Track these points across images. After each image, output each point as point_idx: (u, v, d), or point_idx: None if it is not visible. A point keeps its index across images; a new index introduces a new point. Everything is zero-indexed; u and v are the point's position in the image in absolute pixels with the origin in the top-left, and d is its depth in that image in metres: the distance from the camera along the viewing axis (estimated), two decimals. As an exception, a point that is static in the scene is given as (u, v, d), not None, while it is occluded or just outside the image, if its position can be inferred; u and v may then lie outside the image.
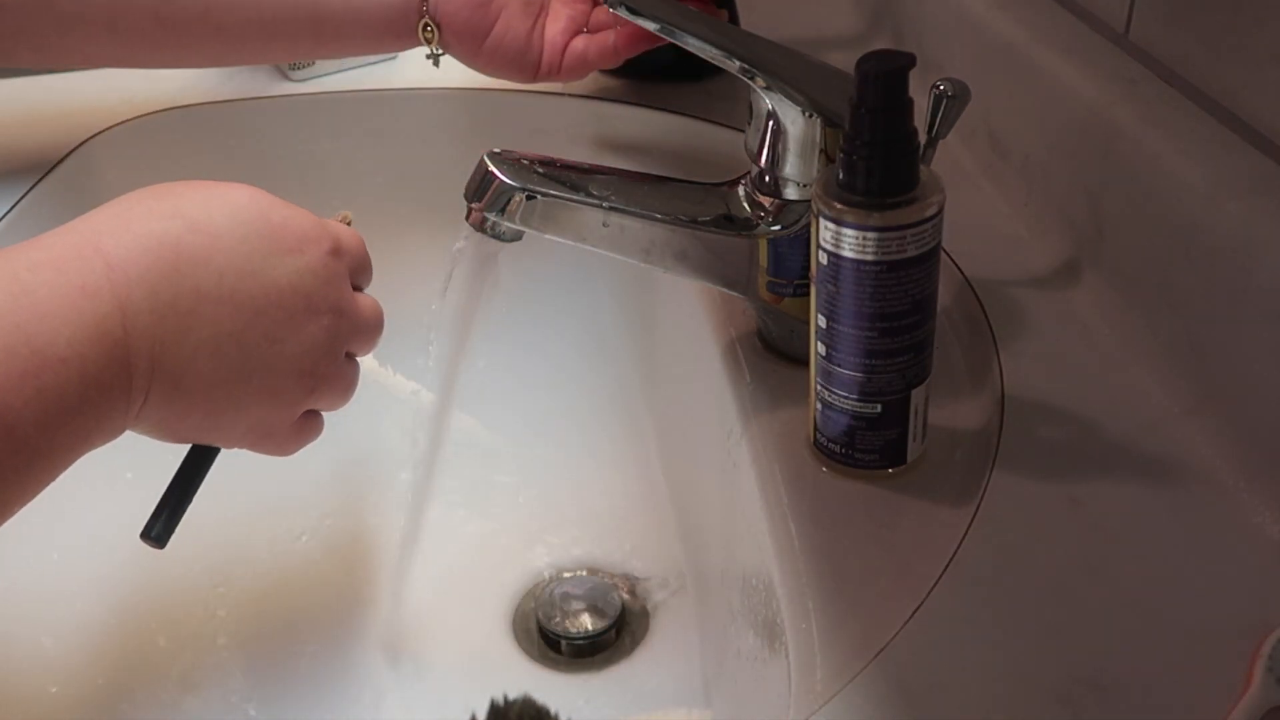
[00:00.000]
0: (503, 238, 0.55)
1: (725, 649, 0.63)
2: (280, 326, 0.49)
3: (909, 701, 0.43)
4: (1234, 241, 0.51)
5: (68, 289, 0.43)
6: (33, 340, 0.42)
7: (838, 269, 0.48)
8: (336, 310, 0.51)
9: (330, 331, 0.51)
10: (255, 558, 0.76)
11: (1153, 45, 0.60)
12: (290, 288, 0.49)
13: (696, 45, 0.52)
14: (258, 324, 0.48)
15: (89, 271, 0.44)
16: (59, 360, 0.42)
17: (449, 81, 0.85)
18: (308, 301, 0.50)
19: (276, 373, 0.50)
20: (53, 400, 0.42)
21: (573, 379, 0.85)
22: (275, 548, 0.77)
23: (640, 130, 0.83)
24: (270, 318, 0.49)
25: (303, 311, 0.50)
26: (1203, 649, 0.44)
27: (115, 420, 0.46)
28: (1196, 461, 0.52)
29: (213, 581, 0.74)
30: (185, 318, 0.46)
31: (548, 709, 0.62)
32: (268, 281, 0.49)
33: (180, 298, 0.46)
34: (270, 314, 0.49)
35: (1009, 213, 0.69)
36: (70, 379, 0.43)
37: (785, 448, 0.55)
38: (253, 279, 0.48)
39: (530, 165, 0.54)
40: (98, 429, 0.45)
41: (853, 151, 0.47)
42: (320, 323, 0.51)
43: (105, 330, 0.44)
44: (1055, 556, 0.48)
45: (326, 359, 0.52)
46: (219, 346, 0.47)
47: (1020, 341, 0.59)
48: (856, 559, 0.49)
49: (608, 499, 0.81)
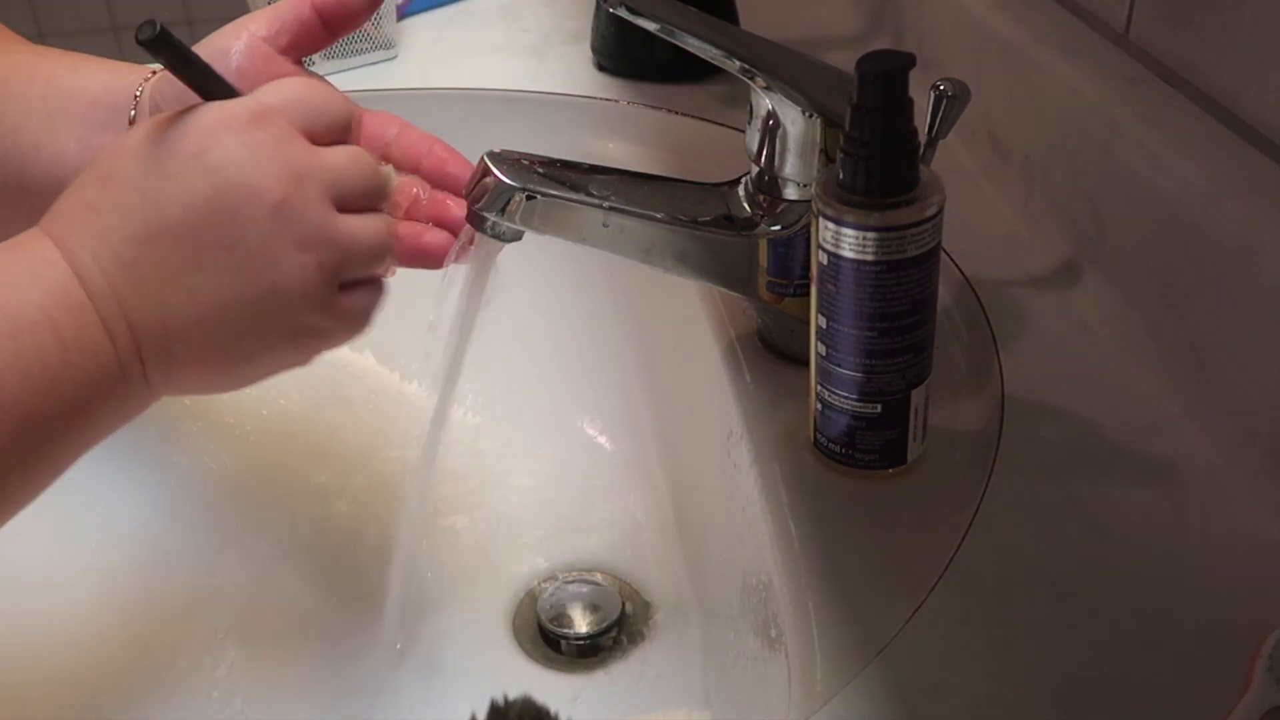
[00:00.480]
0: (503, 238, 0.55)
1: (725, 649, 0.63)
2: (227, 230, 0.45)
3: (909, 701, 0.43)
4: (1234, 241, 0.51)
5: (29, 260, 0.44)
6: (4, 306, 0.43)
7: (838, 269, 0.48)
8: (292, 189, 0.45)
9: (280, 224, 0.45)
10: (255, 557, 0.76)
11: (1153, 45, 0.60)
12: (213, 188, 0.45)
13: (696, 45, 0.52)
14: (204, 239, 0.45)
15: (41, 246, 0.45)
16: (32, 324, 0.43)
17: (449, 81, 0.85)
18: (245, 189, 0.45)
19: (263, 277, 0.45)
20: (33, 362, 0.43)
21: (573, 379, 0.84)
22: (275, 546, 0.77)
23: (640, 130, 0.83)
24: (214, 227, 0.45)
25: (244, 201, 0.45)
26: (1203, 649, 0.44)
27: (115, 384, 0.45)
28: (1196, 461, 0.52)
29: (211, 580, 0.74)
30: (134, 266, 0.44)
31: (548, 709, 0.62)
32: (189, 194, 0.44)
33: (120, 249, 0.44)
34: (211, 223, 0.45)
35: (1009, 213, 0.69)
36: (46, 341, 0.43)
37: (785, 448, 0.55)
38: (174, 201, 0.44)
39: (530, 165, 0.54)
40: (98, 396, 0.45)
41: (853, 151, 0.47)
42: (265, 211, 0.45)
43: (70, 295, 0.44)
44: (1055, 556, 0.48)
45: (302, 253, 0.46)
46: (179, 281, 0.45)
47: (1020, 341, 0.59)
48: (856, 559, 0.49)
49: (608, 499, 0.81)
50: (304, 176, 0.46)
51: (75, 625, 0.70)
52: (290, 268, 0.46)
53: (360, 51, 0.92)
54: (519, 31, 0.97)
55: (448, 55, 0.94)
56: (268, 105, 0.47)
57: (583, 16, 0.96)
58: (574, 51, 0.92)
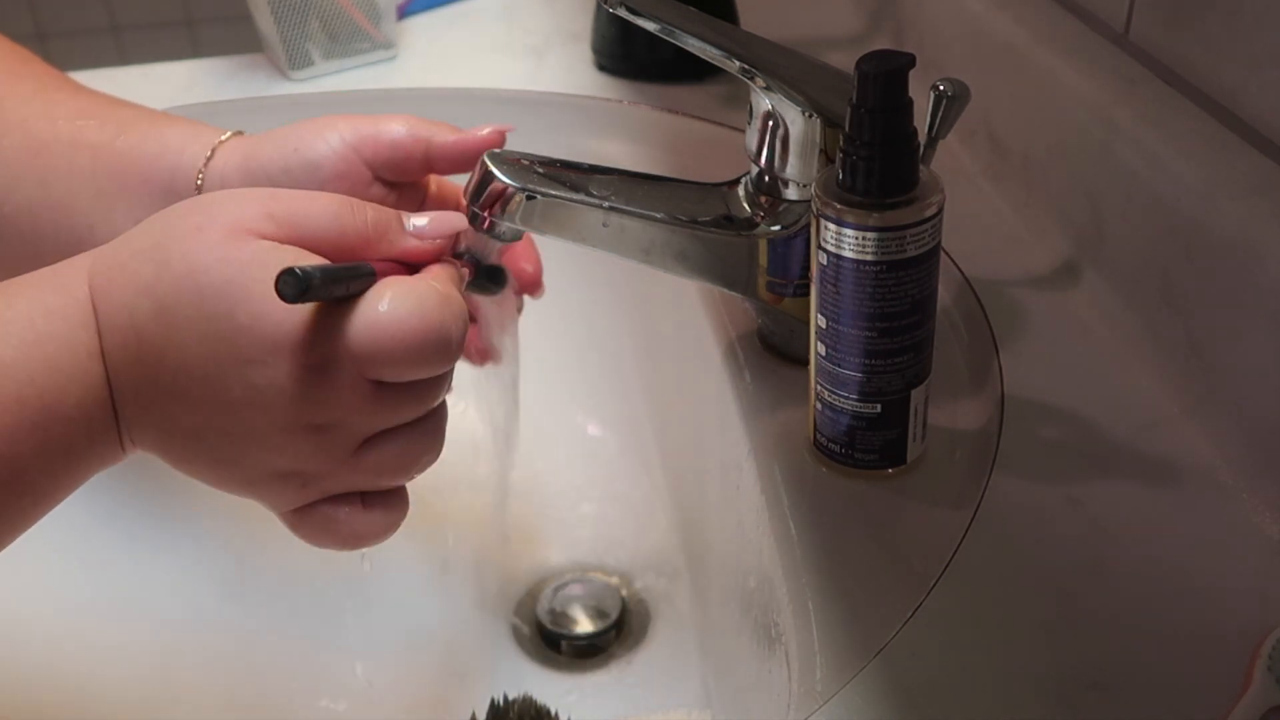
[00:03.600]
0: (503, 238, 0.55)
1: (725, 649, 0.63)
2: (239, 437, 0.43)
3: (909, 701, 0.43)
4: (1234, 241, 0.51)
5: (76, 348, 0.43)
6: (44, 395, 0.42)
7: (838, 269, 0.48)
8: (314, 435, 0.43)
9: (288, 454, 0.44)
10: (254, 556, 0.76)
11: (1153, 45, 0.60)
12: (245, 402, 0.42)
13: (696, 45, 0.52)
14: (214, 428, 0.43)
15: (89, 332, 0.43)
16: (66, 419, 0.42)
17: (449, 81, 0.85)
18: (269, 420, 0.43)
19: (249, 471, 0.44)
20: (58, 453, 0.43)
21: (572, 379, 0.84)
22: (274, 545, 0.77)
23: (640, 130, 0.83)
24: (227, 428, 0.43)
25: (265, 430, 0.43)
26: (1202, 649, 0.44)
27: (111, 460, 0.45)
28: (1196, 461, 0.52)
29: (211, 580, 0.74)
30: (147, 406, 0.43)
31: (548, 709, 0.62)
32: (222, 391, 0.42)
33: (141, 387, 0.43)
34: (228, 424, 0.43)
35: (1009, 213, 0.69)
36: (75, 436, 0.43)
37: (785, 448, 0.55)
38: (206, 385, 0.42)
39: (530, 165, 0.54)
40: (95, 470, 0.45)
41: (853, 152, 0.47)
42: (289, 449, 0.43)
43: (102, 397, 0.43)
44: (1055, 556, 0.48)
45: (305, 491, 0.45)
46: (181, 438, 0.44)
47: (1020, 341, 0.59)
48: (856, 559, 0.49)
49: (608, 499, 0.81)
50: (342, 425, 0.43)
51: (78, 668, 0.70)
52: (274, 481, 0.45)
53: (360, 51, 0.92)
54: (519, 31, 0.97)
55: (448, 55, 0.94)
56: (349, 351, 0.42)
57: (583, 16, 0.97)
58: (574, 51, 0.92)
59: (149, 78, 0.88)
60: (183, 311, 0.42)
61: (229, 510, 0.71)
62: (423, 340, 0.42)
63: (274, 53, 0.91)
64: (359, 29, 0.91)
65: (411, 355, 0.42)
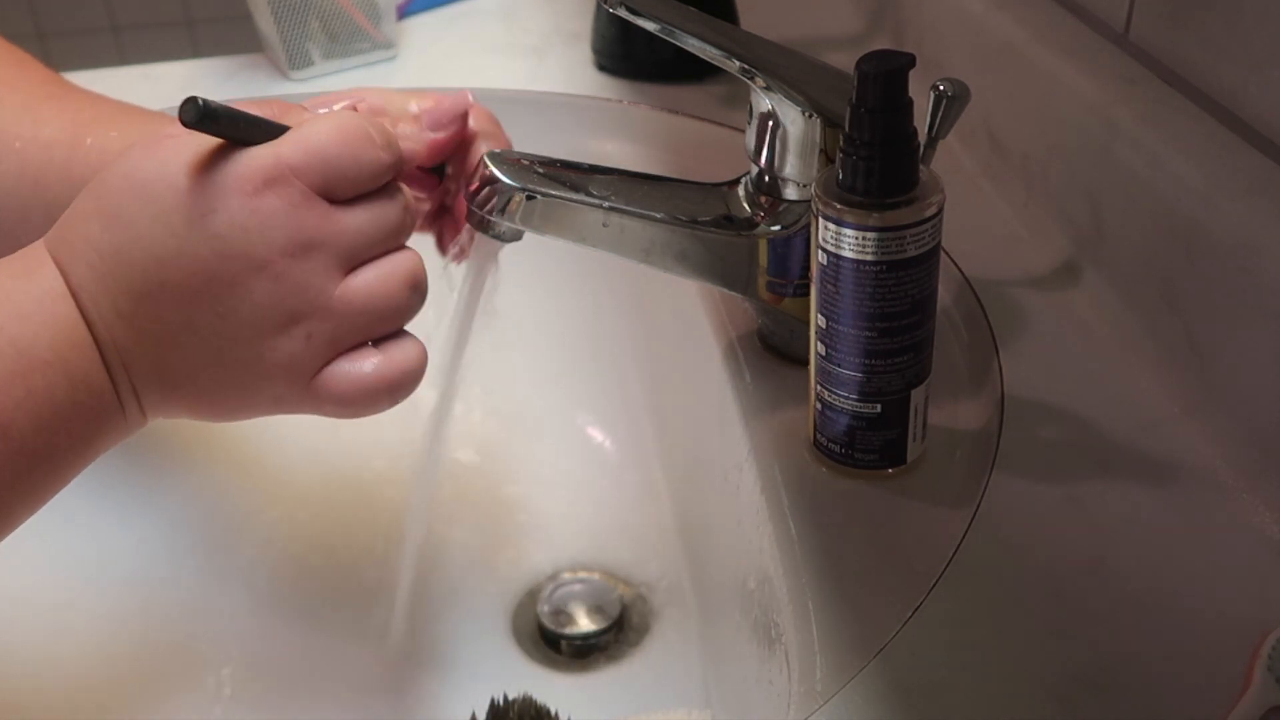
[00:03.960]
0: (503, 238, 0.55)
1: (725, 649, 0.63)
2: (224, 299, 0.44)
3: (909, 701, 0.43)
4: (1234, 241, 0.51)
5: (37, 292, 0.44)
6: (17, 342, 0.43)
7: (838, 269, 0.48)
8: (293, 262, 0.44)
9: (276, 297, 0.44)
10: (253, 554, 0.76)
11: (1153, 45, 0.60)
12: (214, 255, 0.43)
13: (696, 45, 0.52)
14: (200, 305, 0.44)
15: (48, 275, 0.44)
16: (44, 363, 0.43)
17: (449, 81, 0.85)
18: (245, 264, 0.43)
19: (250, 347, 0.45)
20: (43, 401, 0.43)
21: (572, 379, 0.84)
22: (275, 545, 0.77)
23: (640, 130, 0.83)
24: (211, 294, 0.44)
25: (244, 271, 0.44)
26: (1202, 649, 0.44)
27: (115, 420, 0.46)
28: (1196, 461, 0.52)
29: (210, 579, 0.74)
30: (131, 319, 0.44)
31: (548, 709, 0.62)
32: (190, 258, 0.43)
33: (118, 300, 0.44)
34: (209, 290, 0.44)
35: (1009, 213, 0.69)
36: (56, 381, 0.43)
37: (785, 448, 0.55)
38: (175, 262, 0.43)
39: (530, 165, 0.54)
40: (100, 432, 0.45)
41: (853, 152, 0.47)
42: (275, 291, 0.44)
43: (78, 334, 0.44)
44: (1055, 556, 0.48)
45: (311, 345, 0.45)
46: (174, 339, 0.44)
47: (1020, 341, 0.59)
48: (856, 559, 0.49)
49: (608, 499, 0.81)
50: (310, 246, 0.44)
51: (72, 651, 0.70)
52: (279, 340, 0.45)
53: (360, 51, 0.92)
54: (519, 31, 0.97)
55: (448, 55, 0.94)
56: (286, 165, 0.44)
57: (583, 16, 0.97)
58: (574, 51, 0.92)
59: (149, 78, 0.88)
60: (129, 208, 0.43)
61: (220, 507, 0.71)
62: (345, 135, 0.45)
63: (274, 53, 0.91)
64: (359, 29, 0.91)
65: (341, 149, 0.45)
